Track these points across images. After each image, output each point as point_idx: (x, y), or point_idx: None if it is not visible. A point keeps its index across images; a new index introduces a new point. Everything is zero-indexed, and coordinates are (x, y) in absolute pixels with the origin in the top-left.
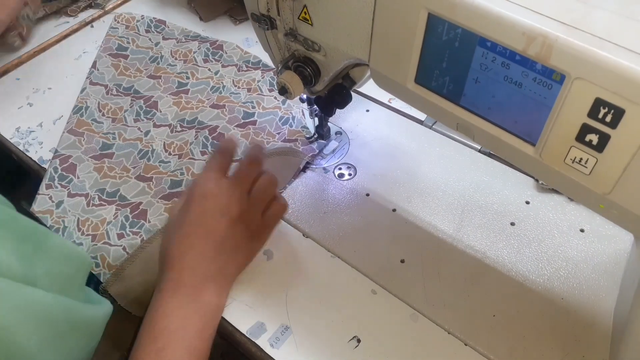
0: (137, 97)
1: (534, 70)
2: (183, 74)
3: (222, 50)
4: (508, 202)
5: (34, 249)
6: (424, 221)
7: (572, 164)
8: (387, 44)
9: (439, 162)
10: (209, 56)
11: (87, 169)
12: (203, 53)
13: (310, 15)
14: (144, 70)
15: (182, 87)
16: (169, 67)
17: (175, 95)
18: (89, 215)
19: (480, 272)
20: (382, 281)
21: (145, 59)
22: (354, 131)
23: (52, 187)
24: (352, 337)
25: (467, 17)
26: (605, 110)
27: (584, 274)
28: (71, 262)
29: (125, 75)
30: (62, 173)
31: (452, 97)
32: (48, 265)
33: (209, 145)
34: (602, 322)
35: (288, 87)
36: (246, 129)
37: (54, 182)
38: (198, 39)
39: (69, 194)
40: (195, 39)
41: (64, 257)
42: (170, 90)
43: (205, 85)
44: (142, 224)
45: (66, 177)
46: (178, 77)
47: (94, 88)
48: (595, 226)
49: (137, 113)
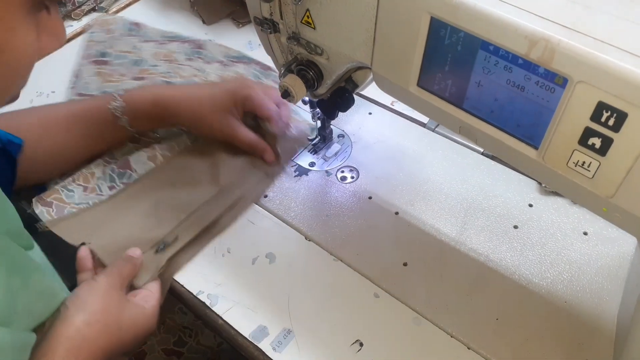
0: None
1: (537, 74)
2: (168, 73)
3: (203, 48)
4: (511, 205)
5: (21, 283)
6: (427, 224)
7: (575, 167)
8: (390, 48)
9: (441, 165)
10: (191, 55)
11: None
12: (184, 53)
13: (313, 19)
14: (128, 74)
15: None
16: (153, 68)
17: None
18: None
19: (483, 276)
20: (385, 284)
21: (127, 62)
22: (356, 134)
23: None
24: (355, 341)
25: (469, 21)
26: (608, 113)
27: (587, 277)
28: (46, 299)
29: (111, 82)
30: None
31: (454, 100)
32: (27, 302)
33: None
34: (605, 326)
35: (291, 90)
36: None
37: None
38: (178, 40)
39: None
40: (175, 39)
41: (41, 294)
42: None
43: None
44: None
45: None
46: (163, 76)
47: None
48: (598, 229)
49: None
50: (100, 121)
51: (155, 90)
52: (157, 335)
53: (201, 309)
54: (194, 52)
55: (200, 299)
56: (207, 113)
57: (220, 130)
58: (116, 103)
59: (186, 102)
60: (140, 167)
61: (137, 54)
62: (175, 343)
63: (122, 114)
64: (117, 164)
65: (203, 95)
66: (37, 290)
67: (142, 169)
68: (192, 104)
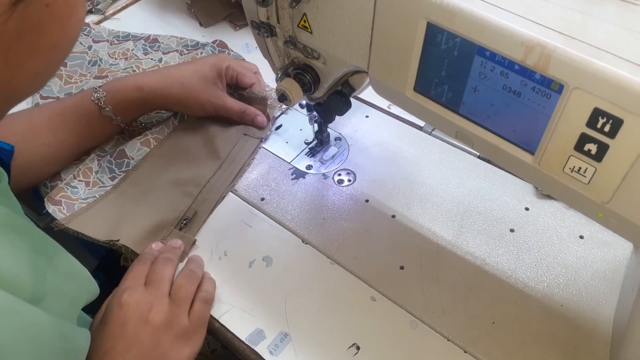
0: (137, 40)
1: (533, 80)
2: (129, 68)
3: (158, 41)
4: (507, 209)
5: (46, 262)
6: (424, 227)
7: (571, 173)
8: (387, 53)
9: (438, 168)
10: (148, 49)
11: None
12: (141, 49)
13: (310, 23)
14: (88, 74)
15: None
16: (112, 67)
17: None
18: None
19: (480, 279)
20: (382, 288)
21: (85, 63)
22: (353, 137)
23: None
24: (352, 344)
25: (466, 26)
26: (604, 120)
27: (583, 281)
28: (76, 282)
29: (72, 83)
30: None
31: (451, 105)
32: (56, 282)
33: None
34: (601, 329)
35: (288, 94)
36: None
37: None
38: (130, 39)
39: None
40: (127, 39)
41: (70, 276)
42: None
43: None
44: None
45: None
46: (124, 72)
47: (46, 102)
48: (594, 233)
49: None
50: (86, 115)
51: (137, 77)
52: None
53: None
54: (150, 46)
55: None
56: (195, 88)
57: (210, 102)
58: (98, 94)
59: (172, 81)
60: (135, 153)
61: (93, 55)
62: None
63: (105, 104)
64: (113, 155)
65: (187, 71)
66: (64, 271)
67: (138, 155)
68: (178, 82)
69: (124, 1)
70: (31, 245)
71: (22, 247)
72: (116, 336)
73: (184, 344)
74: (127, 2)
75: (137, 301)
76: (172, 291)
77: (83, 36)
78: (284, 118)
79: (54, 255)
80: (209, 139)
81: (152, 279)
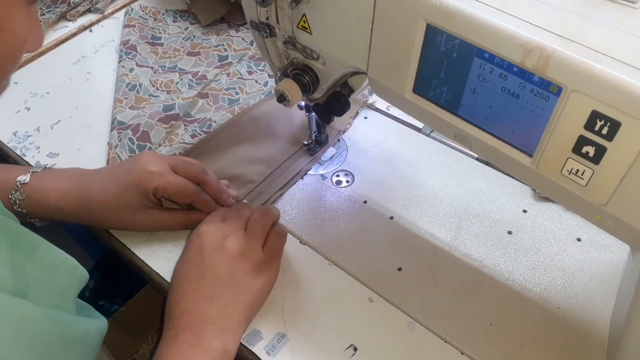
0: (184, 73)
1: (531, 82)
2: (220, 46)
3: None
4: (505, 211)
5: (27, 257)
6: (422, 229)
7: (569, 175)
8: (386, 54)
9: (436, 170)
10: (194, 85)
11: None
12: (187, 84)
13: (309, 24)
14: (181, 49)
15: (224, 61)
16: (204, 42)
17: (221, 68)
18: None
19: (477, 281)
20: (379, 289)
21: (122, 86)
22: (352, 138)
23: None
24: (349, 346)
25: (465, 28)
26: (602, 122)
27: (580, 283)
28: (62, 273)
29: (166, 58)
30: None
31: (449, 107)
32: (39, 275)
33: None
34: (598, 332)
35: (287, 94)
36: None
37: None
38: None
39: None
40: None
41: (54, 268)
42: (214, 64)
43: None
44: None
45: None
46: (216, 50)
47: (141, 69)
48: (591, 235)
49: (189, 85)
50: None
51: (59, 193)
52: (150, 343)
53: None
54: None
55: None
56: (119, 216)
57: (143, 228)
58: (17, 194)
59: (95, 208)
60: (219, 117)
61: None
62: None
63: (20, 207)
64: (198, 121)
65: (109, 195)
66: (48, 263)
67: (221, 119)
68: (102, 210)
69: (123, 0)
70: (7, 241)
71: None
72: (192, 262)
73: (257, 274)
74: (126, 0)
75: (214, 230)
76: (248, 225)
77: (127, 59)
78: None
79: (34, 248)
80: (291, 120)
81: (229, 215)
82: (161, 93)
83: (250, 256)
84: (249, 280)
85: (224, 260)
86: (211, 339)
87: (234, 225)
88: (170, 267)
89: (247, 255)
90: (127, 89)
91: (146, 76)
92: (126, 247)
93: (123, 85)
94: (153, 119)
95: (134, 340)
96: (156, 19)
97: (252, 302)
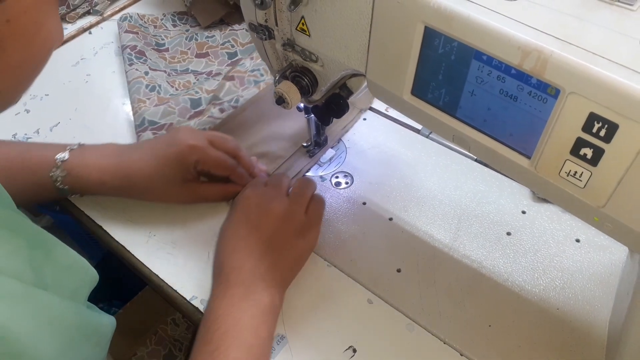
0: (199, 73)
1: (529, 84)
2: (227, 43)
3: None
4: (504, 212)
5: (44, 256)
6: (421, 230)
7: (567, 177)
8: (384, 56)
9: (435, 171)
10: (211, 79)
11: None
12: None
13: (308, 27)
14: (188, 51)
15: (234, 58)
16: (209, 40)
17: (232, 66)
18: None
19: (477, 282)
20: (378, 290)
21: (142, 88)
22: (350, 139)
23: None
24: (348, 347)
25: (463, 31)
26: (599, 124)
27: (579, 284)
28: (76, 273)
29: (175, 62)
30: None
31: (448, 109)
32: (55, 274)
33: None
34: (597, 333)
35: (285, 96)
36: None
37: None
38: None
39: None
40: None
41: (69, 268)
42: (225, 62)
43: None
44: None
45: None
46: (224, 48)
47: (155, 72)
48: (590, 236)
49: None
50: (39, 183)
51: (100, 170)
52: (148, 346)
53: (194, 315)
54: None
55: (194, 304)
56: (159, 190)
57: (181, 201)
58: (57, 171)
59: (136, 181)
60: (246, 93)
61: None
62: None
63: (62, 184)
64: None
65: (150, 169)
66: (63, 263)
67: (249, 94)
68: (142, 184)
69: (123, 2)
70: (27, 240)
71: (19, 243)
72: (240, 223)
73: (300, 237)
74: (125, 3)
75: (260, 194)
76: (291, 191)
77: (139, 63)
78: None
79: (51, 248)
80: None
81: (272, 181)
82: (181, 92)
83: (294, 219)
84: (293, 242)
85: (270, 221)
86: (260, 293)
87: (277, 191)
88: (170, 269)
89: (291, 218)
90: (147, 90)
91: (162, 79)
92: (125, 249)
93: (142, 87)
94: (184, 117)
95: (132, 342)
96: (156, 25)
97: (294, 262)
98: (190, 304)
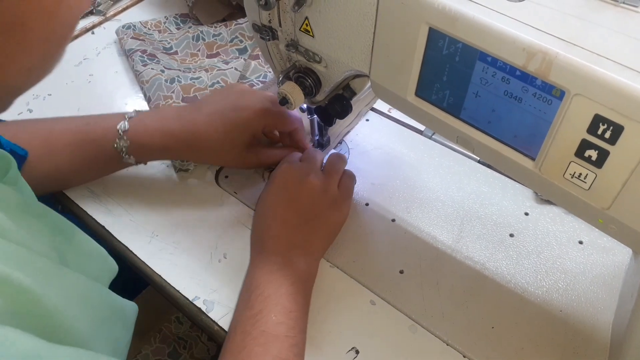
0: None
1: (534, 86)
2: (235, 39)
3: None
4: (507, 213)
5: (67, 243)
6: (423, 231)
7: (572, 178)
8: (388, 57)
9: (438, 172)
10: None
11: None
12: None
13: (312, 27)
14: (199, 53)
15: (245, 53)
16: (216, 38)
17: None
18: None
19: (479, 283)
20: (381, 292)
21: (162, 83)
22: (353, 140)
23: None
24: (351, 348)
25: (467, 32)
26: (605, 126)
27: (582, 286)
28: (96, 261)
29: (187, 63)
30: None
31: (452, 110)
32: (77, 261)
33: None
34: (600, 335)
35: (289, 97)
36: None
37: None
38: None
39: None
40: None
41: (90, 255)
42: (237, 58)
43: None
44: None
45: None
46: (233, 45)
47: (171, 71)
48: (594, 238)
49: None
50: (105, 155)
51: (164, 136)
52: (152, 344)
53: (197, 315)
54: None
55: (196, 304)
56: (228, 154)
57: (246, 165)
58: (122, 142)
59: (202, 147)
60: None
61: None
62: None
63: (127, 153)
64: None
65: (218, 135)
66: (85, 251)
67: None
68: (209, 149)
69: (125, 2)
70: (50, 227)
71: (42, 229)
72: (278, 194)
73: (333, 209)
74: (128, 3)
75: (296, 168)
76: (325, 166)
77: (153, 64)
78: None
79: (72, 235)
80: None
81: (306, 157)
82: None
83: (328, 193)
84: (328, 213)
85: (306, 193)
86: (298, 261)
87: (312, 165)
88: (172, 269)
89: (326, 191)
90: (168, 83)
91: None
92: (128, 249)
93: (162, 83)
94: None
95: (136, 341)
96: (160, 30)
97: (329, 232)
98: (193, 304)
